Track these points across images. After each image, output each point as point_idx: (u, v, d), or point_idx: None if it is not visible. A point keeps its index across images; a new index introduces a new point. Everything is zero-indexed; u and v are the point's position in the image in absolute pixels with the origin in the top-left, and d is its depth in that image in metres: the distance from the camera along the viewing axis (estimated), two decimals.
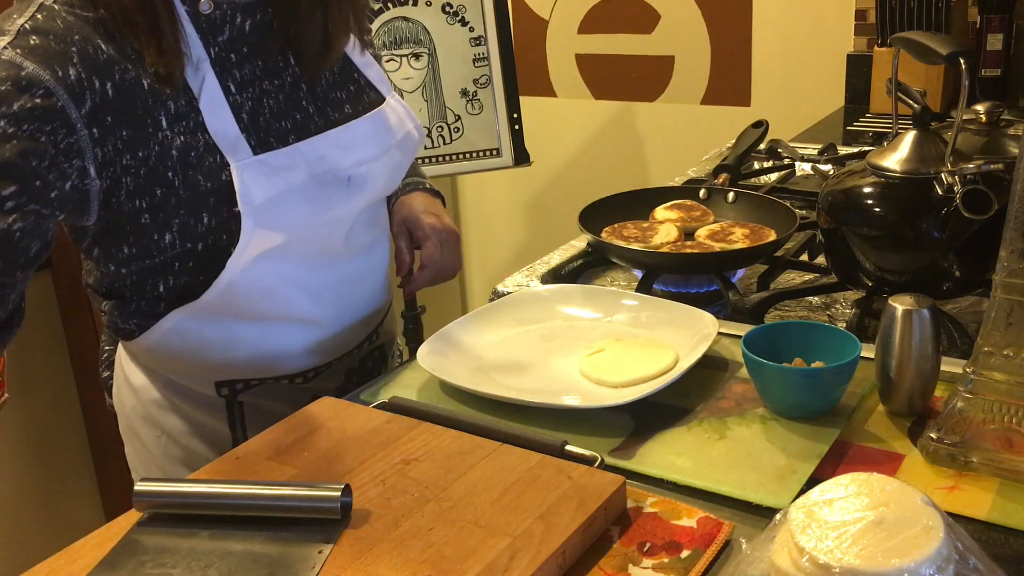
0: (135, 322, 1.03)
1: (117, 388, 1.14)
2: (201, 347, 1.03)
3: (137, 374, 1.10)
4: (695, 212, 1.41)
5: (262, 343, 1.05)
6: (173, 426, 1.09)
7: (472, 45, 2.33)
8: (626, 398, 0.93)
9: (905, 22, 2.11)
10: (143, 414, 1.10)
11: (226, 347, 1.04)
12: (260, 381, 1.08)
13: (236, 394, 1.07)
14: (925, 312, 0.88)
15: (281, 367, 1.08)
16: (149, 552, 0.74)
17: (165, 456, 1.10)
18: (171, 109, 0.92)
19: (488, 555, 0.70)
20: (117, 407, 1.15)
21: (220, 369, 1.06)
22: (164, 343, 1.03)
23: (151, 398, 1.09)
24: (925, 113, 1.09)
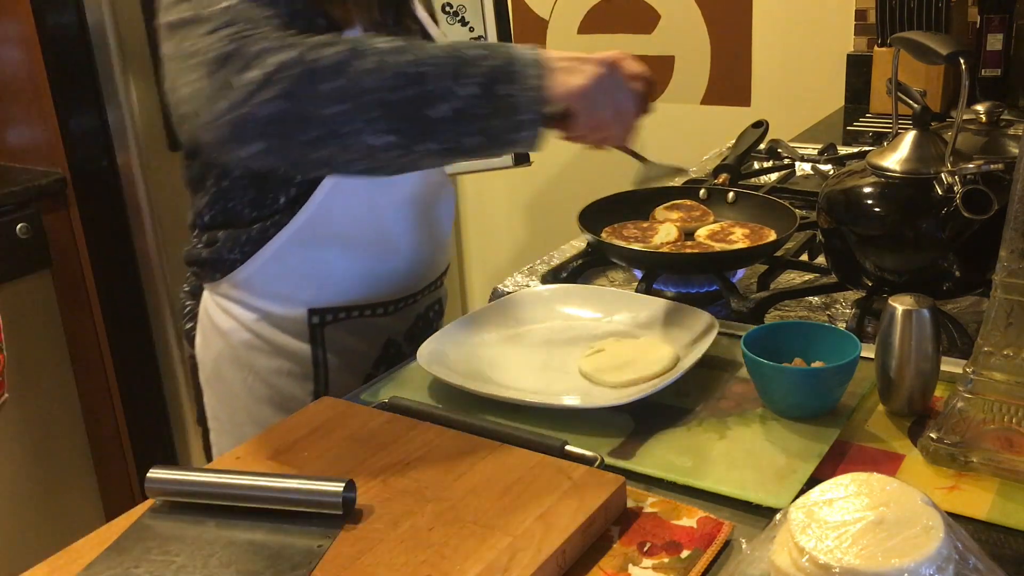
0: (243, 250, 1.12)
1: (203, 336, 1.20)
2: (299, 270, 1.13)
3: (226, 319, 1.17)
4: (695, 212, 1.41)
5: (352, 268, 1.15)
6: (262, 365, 1.16)
7: None
8: (626, 398, 0.93)
9: (905, 22, 2.11)
10: (231, 357, 1.17)
11: (321, 270, 1.14)
12: (347, 313, 1.16)
13: (324, 324, 1.16)
14: (925, 312, 0.88)
15: (367, 295, 1.17)
16: (156, 539, 0.75)
17: (250, 396, 1.17)
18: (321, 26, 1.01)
19: (488, 555, 0.70)
20: (200, 355, 1.21)
21: (314, 294, 1.14)
22: (266, 268, 1.12)
23: (241, 340, 1.16)
24: (925, 113, 1.09)
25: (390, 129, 0.87)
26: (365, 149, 0.88)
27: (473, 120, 0.88)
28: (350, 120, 0.86)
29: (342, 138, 0.86)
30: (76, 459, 2.27)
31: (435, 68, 0.87)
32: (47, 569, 0.72)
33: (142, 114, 2.17)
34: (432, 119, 0.87)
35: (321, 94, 0.85)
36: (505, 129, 0.89)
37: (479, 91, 0.88)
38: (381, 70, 0.86)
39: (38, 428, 2.17)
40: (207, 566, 0.71)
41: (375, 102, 0.86)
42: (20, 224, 2.08)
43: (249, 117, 0.84)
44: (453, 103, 0.87)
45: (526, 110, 0.89)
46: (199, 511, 0.78)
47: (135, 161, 2.19)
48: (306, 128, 0.86)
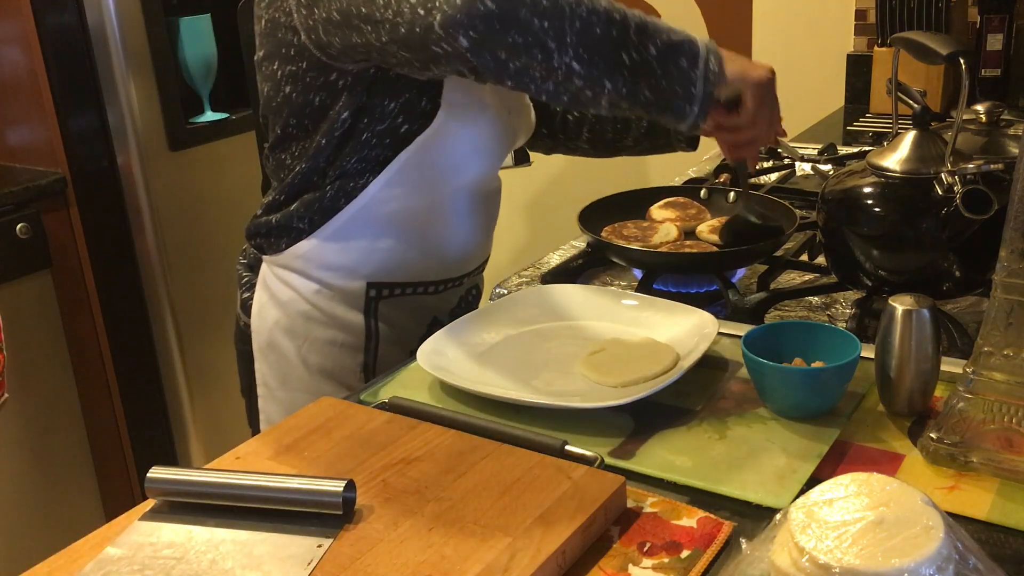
0: (311, 219, 1.19)
1: (259, 306, 1.26)
2: (362, 243, 1.19)
3: (285, 290, 1.23)
4: (691, 210, 1.41)
5: (411, 245, 1.21)
6: (317, 336, 1.22)
7: None
8: (626, 398, 0.93)
9: (905, 22, 2.11)
10: (287, 326, 1.23)
11: (382, 245, 1.20)
12: (401, 289, 1.23)
13: (380, 299, 1.23)
14: (925, 312, 0.88)
15: (421, 272, 1.24)
16: (156, 539, 0.75)
17: (303, 365, 1.24)
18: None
19: (488, 555, 0.70)
20: (256, 324, 1.27)
21: (372, 269, 1.21)
22: (332, 240, 1.19)
23: (299, 310, 1.22)
24: (925, 113, 1.09)
25: (584, 58, 0.96)
26: (557, 69, 0.97)
27: (652, 75, 0.98)
28: (554, 37, 0.95)
29: (542, 51, 0.95)
30: (76, 459, 2.27)
31: (634, 20, 0.98)
32: (47, 569, 0.72)
33: (142, 114, 2.17)
34: (621, 62, 0.97)
35: (535, 5, 0.94)
36: (676, 96, 0.99)
37: (661, 56, 0.98)
38: (588, 4, 0.96)
39: (38, 428, 2.17)
40: (207, 566, 0.71)
41: (581, 30, 0.95)
42: (20, 224, 2.08)
43: (472, 6, 0.93)
44: (642, 54, 0.97)
45: (699, 86, 0.98)
46: (199, 511, 0.78)
47: (135, 161, 2.19)
48: (512, 32, 0.94)
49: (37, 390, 2.16)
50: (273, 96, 1.19)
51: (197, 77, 2.31)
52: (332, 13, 1.04)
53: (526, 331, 1.13)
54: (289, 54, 1.14)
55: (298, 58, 1.13)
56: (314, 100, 1.15)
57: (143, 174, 2.20)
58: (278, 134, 1.22)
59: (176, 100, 2.24)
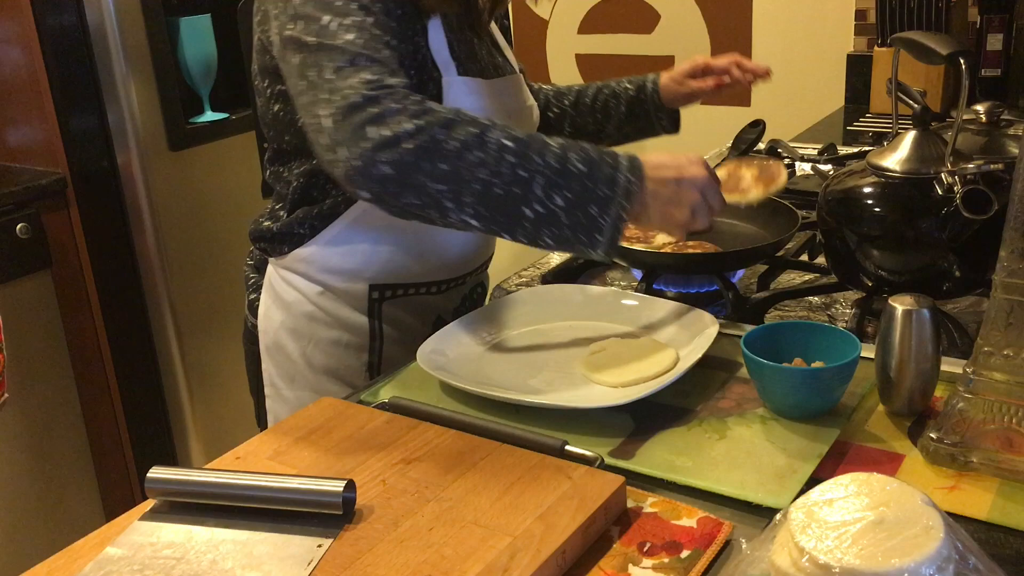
0: (312, 224, 1.20)
1: (265, 308, 1.27)
2: (363, 247, 1.20)
3: (290, 291, 1.24)
4: None
5: (412, 247, 1.21)
6: (321, 336, 1.23)
7: None
8: (626, 398, 0.93)
9: (905, 22, 2.11)
10: (292, 327, 1.24)
11: (383, 248, 1.20)
12: (404, 290, 1.24)
13: (383, 300, 1.23)
14: (925, 312, 0.88)
15: (423, 272, 1.24)
16: (156, 539, 0.75)
17: (308, 365, 1.24)
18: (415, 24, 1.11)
19: (488, 555, 0.70)
20: (263, 325, 1.28)
21: (374, 271, 1.21)
22: (333, 244, 1.20)
23: (303, 311, 1.23)
24: (925, 113, 1.09)
25: (480, 216, 0.96)
26: (454, 223, 0.98)
27: (555, 225, 0.96)
28: (451, 199, 0.95)
29: (438, 210, 0.96)
30: (76, 459, 2.27)
31: (545, 170, 0.95)
32: (47, 569, 0.72)
33: (142, 114, 2.17)
34: (523, 216, 0.96)
35: (433, 172, 0.94)
36: (580, 242, 0.97)
37: (568, 206, 0.95)
38: (494, 166, 0.94)
39: (38, 428, 2.17)
40: (207, 566, 0.71)
41: (480, 192, 0.95)
42: (20, 224, 2.07)
43: (365, 171, 0.94)
44: (547, 206, 0.95)
45: (607, 232, 0.96)
46: (199, 511, 0.78)
47: (135, 161, 2.19)
48: (409, 195, 0.95)
49: (37, 390, 2.16)
50: (264, 112, 1.21)
51: (197, 77, 2.31)
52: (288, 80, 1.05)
53: (526, 331, 1.13)
54: (277, 74, 1.13)
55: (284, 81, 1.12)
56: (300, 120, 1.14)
57: (143, 174, 2.20)
58: (275, 148, 1.23)
59: (176, 100, 2.23)
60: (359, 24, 1.01)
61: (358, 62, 0.98)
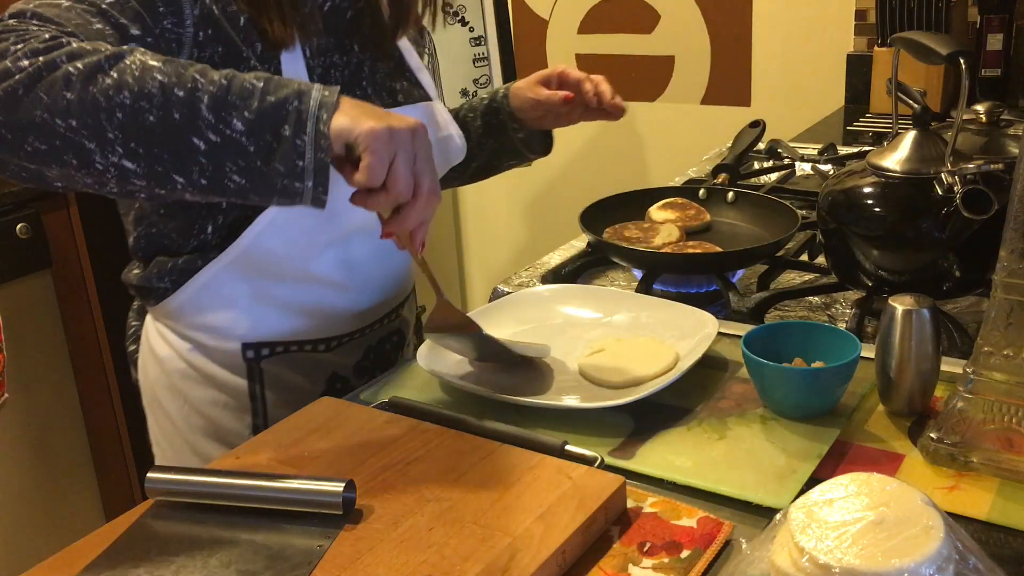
0: (172, 279, 1.07)
1: (143, 360, 1.16)
2: (232, 303, 1.07)
3: (163, 345, 1.12)
4: (690, 211, 1.41)
5: (290, 303, 1.08)
6: (197, 396, 1.10)
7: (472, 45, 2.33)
8: (626, 398, 0.93)
9: (905, 22, 2.11)
10: (167, 384, 1.12)
11: (255, 304, 1.07)
12: (284, 348, 1.09)
13: (260, 359, 1.09)
14: (925, 312, 0.88)
15: (306, 331, 1.10)
16: (156, 539, 0.75)
17: (188, 426, 1.12)
18: (258, 50, 0.96)
19: (488, 555, 0.70)
20: (141, 379, 1.17)
21: (248, 329, 1.08)
22: (197, 299, 1.06)
23: (176, 368, 1.11)
24: (925, 113, 1.09)
25: (135, 155, 0.76)
26: (105, 171, 0.77)
27: (239, 156, 0.77)
28: (88, 138, 0.76)
29: (76, 153, 0.76)
30: (76, 459, 2.27)
31: (210, 90, 0.77)
32: (47, 569, 0.72)
33: None
34: (190, 148, 0.77)
35: (56, 104, 0.75)
36: (276, 173, 0.78)
37: (249, 129, 0.77)
38: (139, 87, 0.76)
39: (38, 428, 2.17)
40: (207, 566, 0.71)
41: (125, 122, 0.76)
42: (20, 224, 2.07)
43: None
44: (223, 133, 0.76)
45: (310, 151, 0.77)
46: (199, 511, 0.78)
47: None
48: (31, 136, 0.76)
49: (37, 390, 2.16)
50: None
51: None
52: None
53: (526, 331, 1.13)
54: None
55: None
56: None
57: None
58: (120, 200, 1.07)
59: None
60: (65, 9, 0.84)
61: (22, 16, 0.82)
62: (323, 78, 1.03)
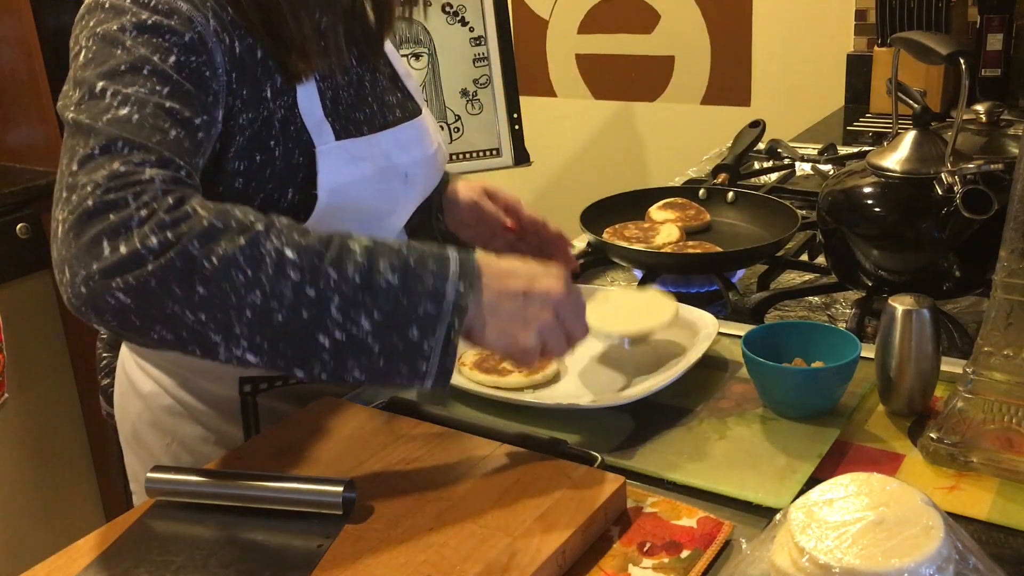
0: None
1: (120, 396, 1.11)
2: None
3: (146, 381, 1.07)
4: (690, 211, 1.41)
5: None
6: (186, 433, 1.06)
7: (472, 45, 2.33)
8: (626, 398, 0.93)
9: (905, 22, 2.11)
10: (151, 421, 1.07)
11: None
12: (283, 380, 1.06)
13: (257, 393, 1.06)
14: (925, 312, 0.88)
15: None
16: (156, 539, 0.75)
17: (174, 463, 1.07)
18: (276, 82, 0.94)
19: (488, 555, 0.70)
20: (119, 415, 1.12)
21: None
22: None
23: (162, 404, 1.06)
24: (925, 113, 1.09)
25: (259, 350, 0.74)
26: (228, 361, 0.76)
27: (362, 355, 0.75)
28: (215, 331, 0.73)
29: (201, 347, 0.75)
30: (76, 459, 2.27)
31: (336, 292, 0.74)
32: (47, 569, 0.72)
33: None
34: (315, 347, 0.75)
35: (189, 299, 0.72)
36: (397, 373, 0.77)
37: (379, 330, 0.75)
38: (272, 285, 0.73)
39: (38, 428, 2.17)
40: (207, 566, 0.71)
41: (254, 320, 0.73)
42: (20, 224, 2.07)
43: (96, 299, 0.72)
44: (342, 334, 0.74)
45: (435, 359, 0.76)
46: (199, 511, 0.78)
47: None
48: (160, 327, 0.74)
49: (37, 390, 2.16)
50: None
51: None
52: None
53: None
54: None
55: None
56: None
57: None
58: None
59: None
60: (144, 97, 0.80)
61: (114, 148, 0.76)
62: (335, 100, 1.00)
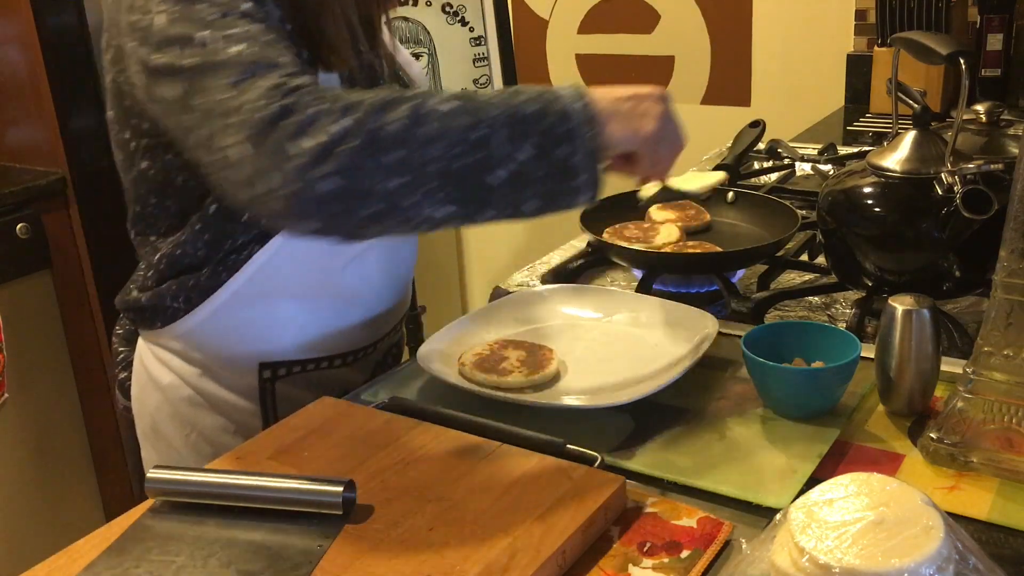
0: (188, 297, 1.04)
1: (139, 389, 1.12)
2: (250, 322, 1.05)
3: (165, 372, 1.08)
4: (689, 211, 1.41)
5: (306, 320, 1.08)
6: (206, 423, 1.08)
7: (472, 45, 2.33)
8: (626, 398, 0.93)
9: (905, 22, 2.11)
10: (171, 413, 1.09)
11: (274, 323, 1.06)
12: (301, 367, 1.09)
13: (276, 379, 1.08)
14: (925, 312, 0.88)
15: (324, 347, 1.10)
16: (156, 539, 0.75)
17: (195, 454, 1.09)
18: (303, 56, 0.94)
19: (488, 555, 0.70)
20: (137, 409, 1.13)
21: (265, 348, 1.07)
22: (214, 320, 1.04)
23: (182, 396, 1.08)
24: (925, 113, 1.09)
25: (450, 199, 0.81)
26: (425, 221, 0.82)
27: (530, 184, 0.82)
28: (411, 193, 0.79)
29: (403, 211, 0.80)
30: (76, 459, 2.27)
31: (492, 131, 0.81)
32: (47, 569, 0.72)
33: None
34: (491, 186, 0.81)
35: (382, 167, 0.78)
36: (563, 191, 0.84)
37: (536, 153, 0.82)
38: (443, 137, 0.80)
39: (38, 428, 2.17)
40: (207, 566, 0.71)
41: (436, 172, 0.79)
42: (20, 224, 2.08)
43: (306, 193, 0.77)
44: (511, 167, 0.81)
45: (584, 169, 0.83)
46: (199, 511, 0.78)
47: None
48: (366, 203, 0.79)
49: (37, 390, 2.16)
50: (127, 167, 1.04)
51: None
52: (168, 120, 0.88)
53: (526, 331, 1.13)
54: (141, 127, 0.99)
55: (153, 133, 0.98)
56: (176, 179, 1.00)
57: None
58: (137, 211, 1.07)
59: None
60: (246, 34, 0.84)
61: (255, 71, 0.81)
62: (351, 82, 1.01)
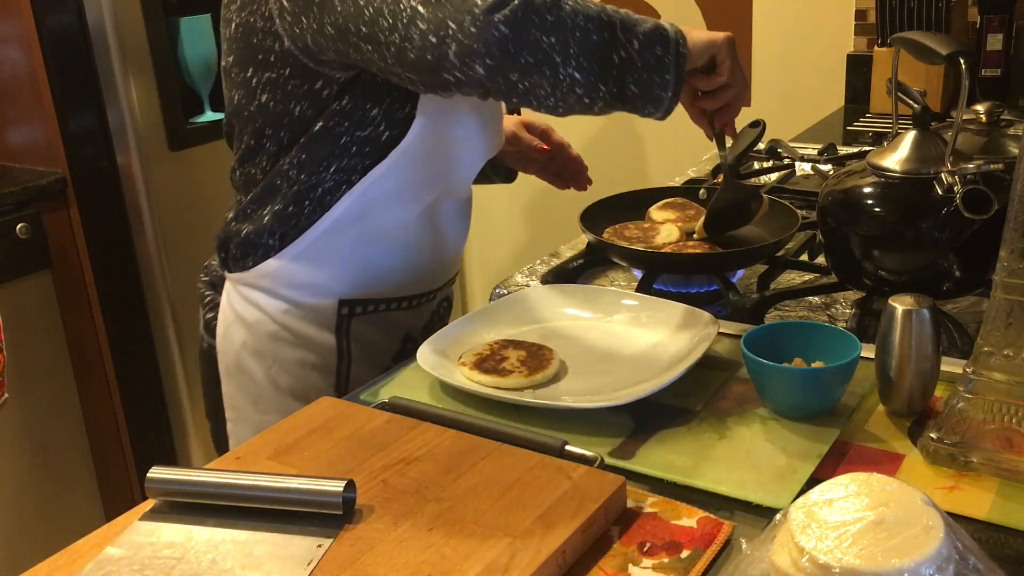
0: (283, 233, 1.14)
1: (225, 327, 1.22)
2: (334, 260, 1.16)
3: (252, 310, 1.19)
4: (689, 211, 1.41)
5: (384, 261, 1.19)
6: (287, 356, 1.19)
7: None
8: (626, 398, 0.93)
9: (905, 22, 2.11)
10: (255, 348, 1.19)
11: (354, 261, 1.17)
12: (375, 306, 1.20)
13: (352, 316, 1.19)
14: (925, 312, 0.88)
15: (395, 288, 1.21)
16: (156, 539, 0.75)
17: (274, 387, 1.20)
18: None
19: (488, 555, 0.70)
20: (222, 346, 1.23)
21: (346, 286, 1.17)
22: (305, 257, 1.15)
23: (267, 331, 1.18)
24: (925, 113, 1.09)
25: (584, 66, 0.96)
26: (562, 82, 0.97)
27: (635, 70, 0.98)
28: (560, 51, 0.95)
29: (551, 67, 0.95)
30: (76, 459, 2.27)
31: (612, 20, 0.97)
32: (47, 569, 0.72)
33: (142, 114, 2.17)
34: (612, 63, 0.97)
35: (541, 24, 0.94)
36: (655, 83, 0.99)
37: (639, 47, 0.97)
38: (582, 12, 0.96)
39: (38, 428, 2.17)
40: (207, 566, 0.71)
41: (580, 39, 0.95)
42: (20, 224, 2.08)
43: (485, 34, 0.92)
44: (625, 53, 0.97)
45: (672, 68, 0.98)
46: (199, 511, 0.78)
47: (135, 161, 2.19)
48: (526, 53, 0.94)
49: (37, 390, 2.16)
50: (245, 104, 1.15)
51: (197, 77, 2.31)
52: (325, 27, 1.01)
53: (526, 331, 1.13)
54: (268, 60, 1.10)
55: (279, 65, 1.10)
56: (294, 109, 1.11)
57: (143, 174, 2.20)
58: (250, 145, 1.17)
59: (176, 100, 2.24)
60: None
61: None
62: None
